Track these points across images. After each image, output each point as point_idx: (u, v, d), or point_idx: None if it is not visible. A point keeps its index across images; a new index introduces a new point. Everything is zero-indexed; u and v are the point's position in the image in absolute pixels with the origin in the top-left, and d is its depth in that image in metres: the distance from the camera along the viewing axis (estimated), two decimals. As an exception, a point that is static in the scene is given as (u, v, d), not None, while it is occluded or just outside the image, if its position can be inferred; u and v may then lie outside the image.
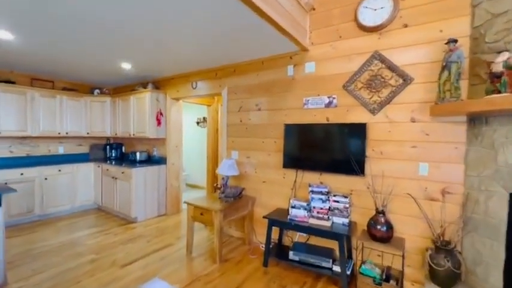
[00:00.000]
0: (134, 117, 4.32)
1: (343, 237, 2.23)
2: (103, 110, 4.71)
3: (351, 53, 2.53)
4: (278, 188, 3.02)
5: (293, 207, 2.60)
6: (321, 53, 2.71)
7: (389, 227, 2.16)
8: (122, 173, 4.01)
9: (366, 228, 2.29)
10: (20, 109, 3.86)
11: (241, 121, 3.36)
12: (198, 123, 6.33)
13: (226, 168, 3.11)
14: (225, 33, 2.45)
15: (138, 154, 4.39)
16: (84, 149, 4.94)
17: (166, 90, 4.30)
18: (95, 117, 4.68)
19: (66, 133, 4.39)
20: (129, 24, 2.30)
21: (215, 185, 3.59)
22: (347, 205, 2.44)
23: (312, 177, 2.77)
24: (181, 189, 4.53)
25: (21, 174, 3.68)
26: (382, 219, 2.17)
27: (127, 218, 4.01)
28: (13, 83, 3.90)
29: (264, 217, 2.64)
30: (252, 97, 3.24)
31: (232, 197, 2.93)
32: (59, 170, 4.07)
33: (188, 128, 6.59)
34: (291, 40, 2.53)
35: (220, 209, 2.65)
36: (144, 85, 4.32)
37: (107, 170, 4.31)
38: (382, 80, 2.36)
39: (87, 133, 4.66)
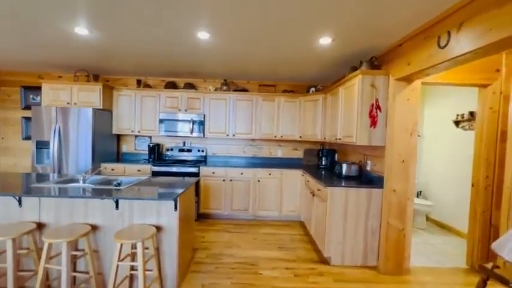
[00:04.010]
0: (341, 115, 3.15)
1: None
2: (315, 110, 4.05)
3: None
4: None
5: None
6: None
7: None
8: (318, 189, 3.02)
9: None
10: (248, 113, 4.24)
11: None
12: (457, 122, 3.74)
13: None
14: None
15: (344, 166, 3.18)
16: (299, 153, 4.64)
17: (389, 68, 2.65)
18: (307, 119, 4.16)
19: (281, 136, 4.27)
20: None
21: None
22: None
23: None
24: (408, 235, 2.62)
25: (241, 173, 3.97)
26: None
27: (319, 252, 2.97)
28: (246, 90, 4.40)
29: None
30: None
31: None
32: (269, 174, 3.98)
33: (438, 130, 4.17)
34: None
35: None
36: (356, 67, 3.00)
37: (308, 181, 3.55)
38: None
39: (300, 137, 4.26)
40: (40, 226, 2.13)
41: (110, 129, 4.16)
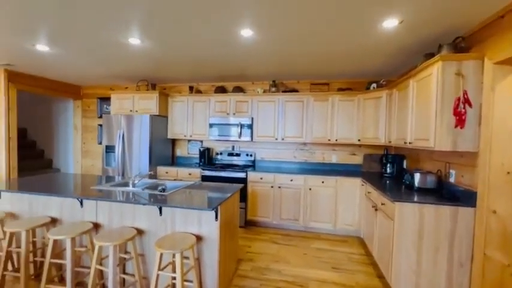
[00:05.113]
0: (413, 114, 2.58)
1: None
2: (377, 110, 3.49)
3: None
4: None
5: None
6: None
7: None
8: (382, 204, 2.52)
9: None
10: (298, 115, 3.93)
11: None
12: None
13: None
14: None
15: (417, 176, 2.58)
16: (357, 159, 4.09)
17: (484, 49, 2.01)
18: (367, 120, 3.62)
19: (336, 140, 3.82)
20: None
21: None
22: None
23: None
24: (517, 274, 1.92)
25: (291, 180, 3.67)
26: None
27: (383, 279, 2.45)
28: (296, 91, 4.10)
29: None
30: None
31: None
32: (322, 182, 3.57)
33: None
34: None
35: None
36: (433, 54, 2.41)
37: (369, 192, 3.03)
38: None
39: (358, 140, 3.73)
40: (96, 226, 2.26)
41: (165, 134, 4.40)
